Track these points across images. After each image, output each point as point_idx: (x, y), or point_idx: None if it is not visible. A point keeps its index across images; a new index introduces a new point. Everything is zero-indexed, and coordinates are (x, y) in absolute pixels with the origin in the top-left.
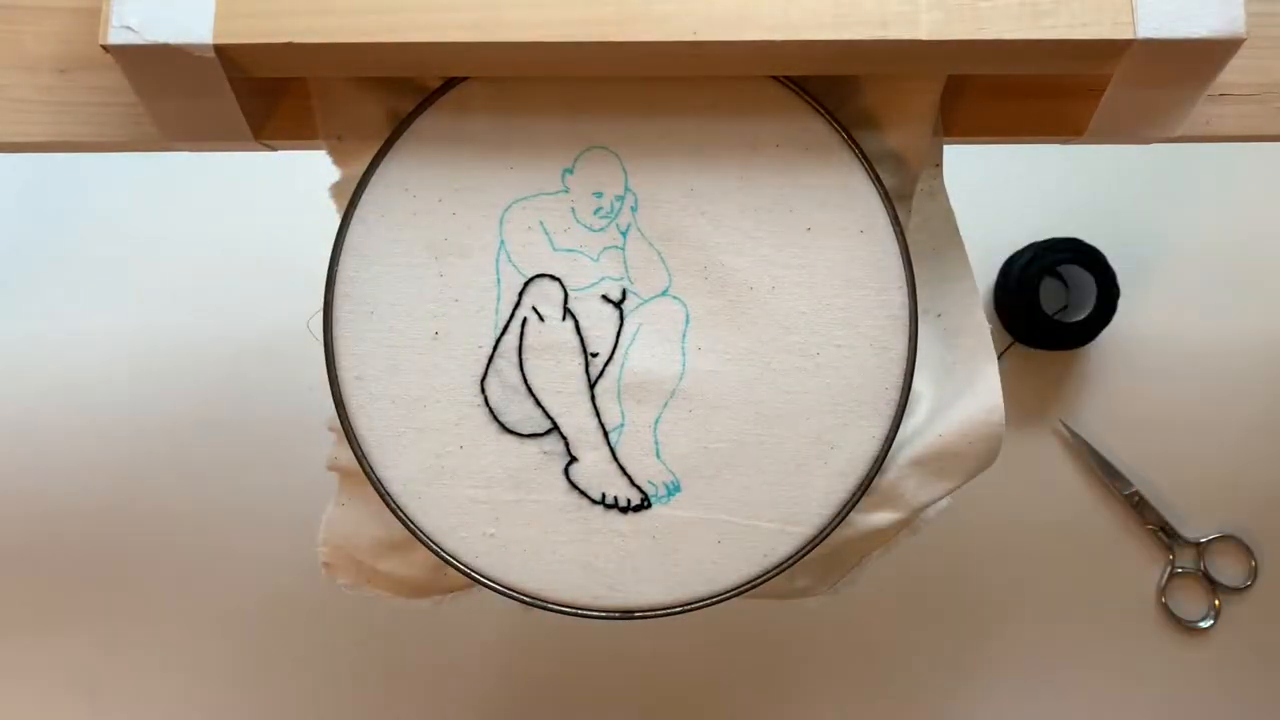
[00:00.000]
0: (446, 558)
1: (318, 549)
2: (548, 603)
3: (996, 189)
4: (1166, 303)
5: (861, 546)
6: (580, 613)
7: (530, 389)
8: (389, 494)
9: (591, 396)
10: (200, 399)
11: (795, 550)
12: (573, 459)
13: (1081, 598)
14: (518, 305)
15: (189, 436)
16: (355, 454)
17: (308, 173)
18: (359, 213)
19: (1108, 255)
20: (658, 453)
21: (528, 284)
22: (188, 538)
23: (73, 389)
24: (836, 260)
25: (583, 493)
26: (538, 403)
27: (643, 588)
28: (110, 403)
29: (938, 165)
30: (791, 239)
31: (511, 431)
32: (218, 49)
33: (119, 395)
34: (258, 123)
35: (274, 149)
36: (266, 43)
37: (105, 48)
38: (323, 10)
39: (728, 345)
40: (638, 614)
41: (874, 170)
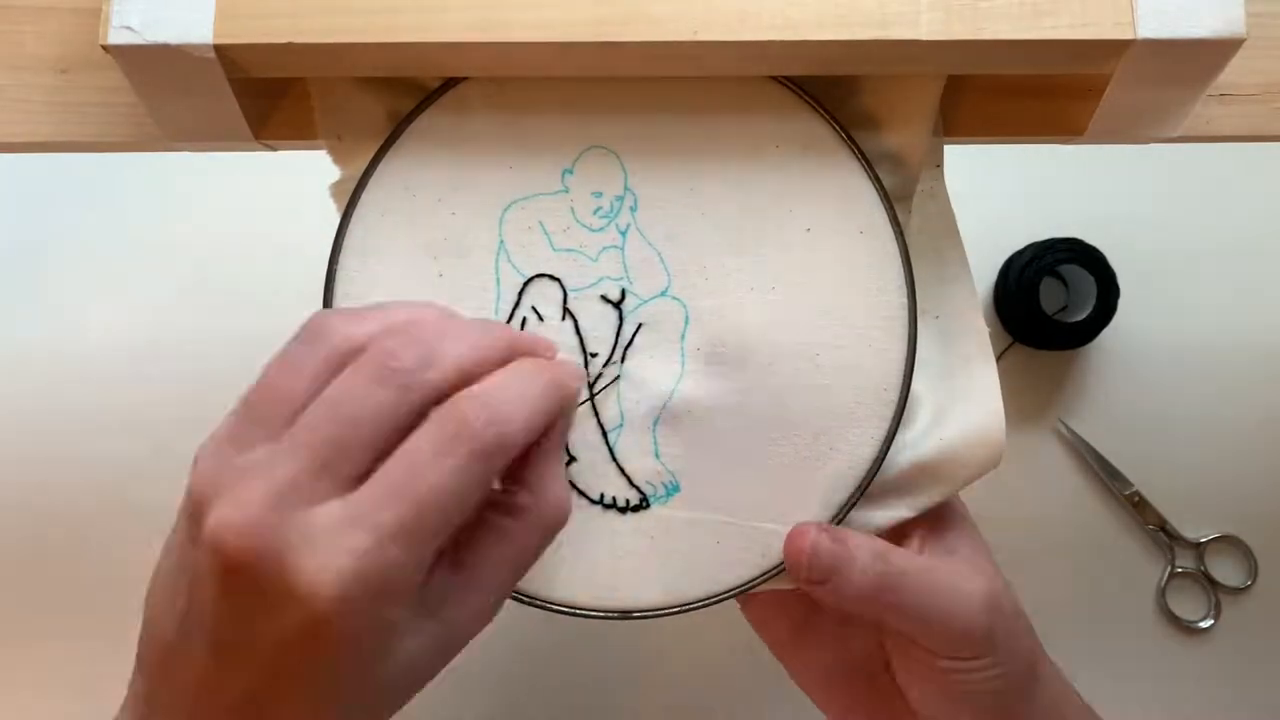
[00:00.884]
0: None
1: None
2: (546, 603)
3: (996, 189)
4: (1166, 303)
5: None
6: (579, 613)
7: None
8: None
9: (591, 397)
10: (200, 399)
11: None
12: (571, 459)
13: (1082, 597)
14: (517, 305)
15: (189, 436)
16: None
17: (308, 172)
18: (359, 212)
19: (1108, 255)
20: (656, 453)
21: (527, 284)
22: None
23: (71, 389)
24: (836, 261)
25: (581, 493)
26: None
27: (641, 588)
28: (109, 403)
29: (938, 166)
30: (791, 240)
31: None
32: (218, 49)
33: (118, 395)
34: (258, 123)
35: (274, 149)
36: (266, 43)
37: (105, 48)
38: (322, 10)
39: (727, 346)
40: (636, 614)
41: (873, 171)
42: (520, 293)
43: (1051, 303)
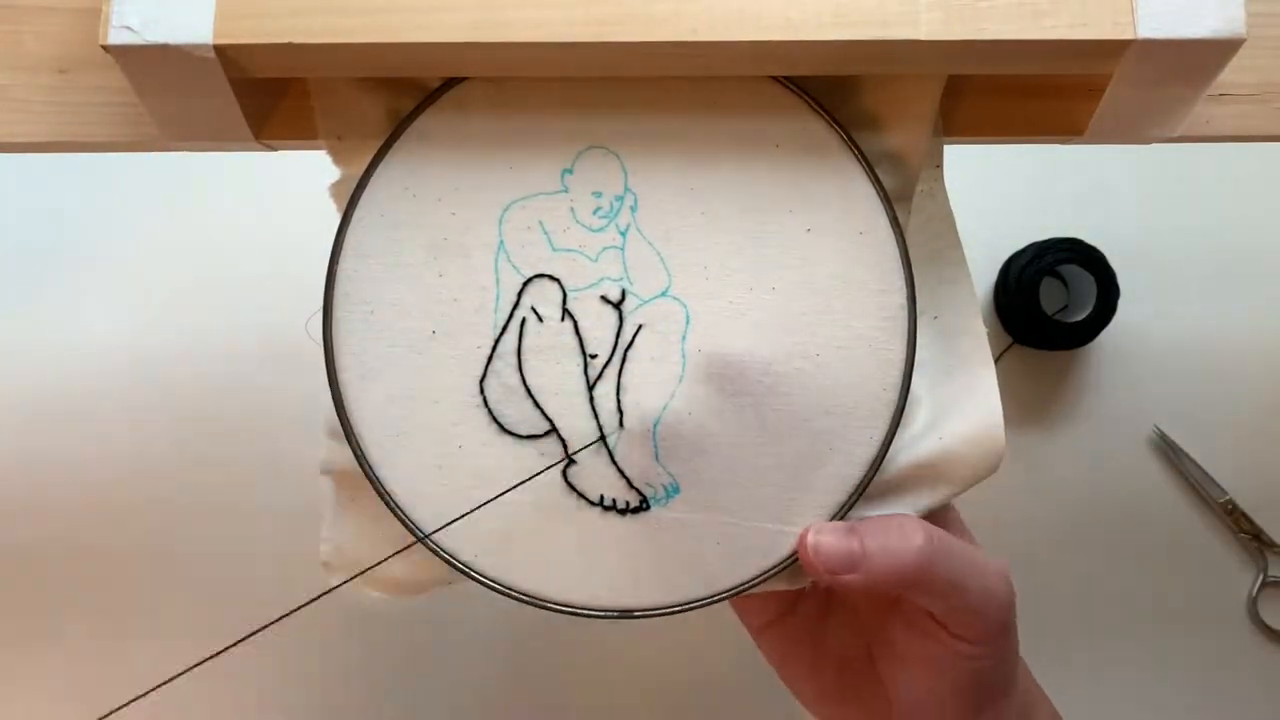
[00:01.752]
0: (446, 557)
1: (320, 547)
2: (547, 602)
3: (996, 189)
4: (1166, 303)
5: None
6: (579, 612)
7: (529, 390)
8: (388, 494)
9: (590, 398)
10: (200, 399)
11: (793, 551)
12: (570, 460)
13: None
14: (516, 305)
15: (189, 437)
16: (354, 454)
17: (307, 173)
18: (358, 213)
19: (1108, 255)
20: (656, 455)
21: (527, 284)
22: (186, 538)
23: (71, 389)
24: (836, 261)
25: (581, 495)
26: (536, 404)
27: (641, 588)
28: (108, 403)
29: (938, 166)
30: (792, 240)
31: (510, 433)
32: (218, 49)
33: (117, 396)
34: (258, 123)
35: (274, 149)
36: (266, 43)
37: (105, 48)
38: (322, 10)
39: (728, 347)
40: (636, 613)
41: (873, 171)
42: (520, 293)
43: (1051, 303)
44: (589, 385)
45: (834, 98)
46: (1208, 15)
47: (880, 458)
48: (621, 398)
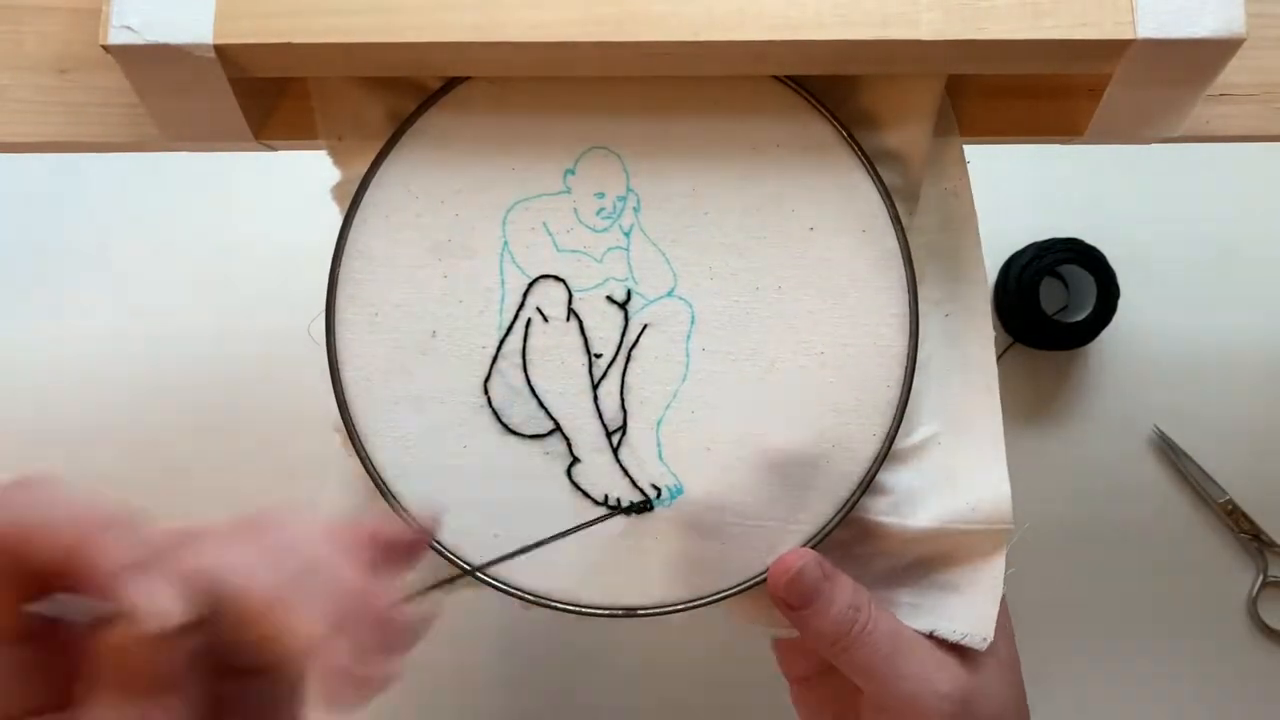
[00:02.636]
0: (450, 557)
1: None
2: (550, 601)
3: (996, 189)
4: (1166, 303)
5: None
6: (583, 611)
7: (533, 390)
8: (393, 494)
9: (595, 398)
10: (200, 400)
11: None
12: (575, 460)
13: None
14: (521, 306)
15: (190, 438)
16: (358, 455)
17: (309, 173)
18: (361, 214)
19: (1108, 255)
20: (660, 454)
21: (532, 285)
22: None
23: (71, 390)
24: (839, 259)
25: (585, 494)
26: (541, 404)
27: (645, 587)
28: (108, 404)
29: (963, 165)
30: (794, 239)
31: (515, 432)
32: (218, 49)
33: (116, 397)
34: (258, 123)
35: (274, 149)
36: (266, 43)
37: (105, 48)
38: (323, 10)
39: (732, 346)
40: (640, 612)
41: (874, 169)
42: (525, 294)
43: (1051, 303)
44: (594, 385)
45: (834, 97)
46: (1208, 15)
47: (884, 453)
48: (625, 397)
